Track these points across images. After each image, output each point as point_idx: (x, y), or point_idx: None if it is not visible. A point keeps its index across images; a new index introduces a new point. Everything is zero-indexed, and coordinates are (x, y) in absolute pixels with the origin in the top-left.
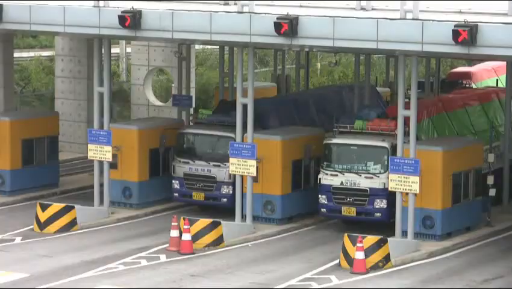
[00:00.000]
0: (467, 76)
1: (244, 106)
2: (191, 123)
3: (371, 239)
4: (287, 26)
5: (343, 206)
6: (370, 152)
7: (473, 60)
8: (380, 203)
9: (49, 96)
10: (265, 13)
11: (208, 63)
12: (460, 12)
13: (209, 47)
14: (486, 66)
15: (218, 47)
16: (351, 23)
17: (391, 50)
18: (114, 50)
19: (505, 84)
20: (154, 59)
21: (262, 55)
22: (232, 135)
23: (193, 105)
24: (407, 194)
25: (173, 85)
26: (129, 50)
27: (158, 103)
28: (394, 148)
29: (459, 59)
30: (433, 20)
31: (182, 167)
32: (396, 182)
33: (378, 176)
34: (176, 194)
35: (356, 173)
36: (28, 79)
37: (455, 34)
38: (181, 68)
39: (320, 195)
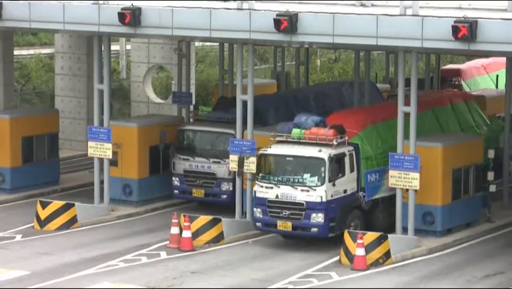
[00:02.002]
0: (457, 73)
1: (244, 103)
2: (191, 120)
3: (371, 235)
4: (287, 22)
5: (278, 220)
6: (307, 163)
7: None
8: (317, 218)
9: (49, 94)
10: (265, 10)
11: (207, 60)
12: (460, 8)
13: (209, 44)
14: (476, 64)
15: (218, 44)
16: (351, 20)
17: (391, 47)
18: (114, 47)
19: (495, 82)
20: (154, 57)
21: (262, 52)
22: (231, 131)
23: (193, 102)
24: (407, 190)
25: (173, 82)
26: (128, 47)
27: (158, 100)
28: (332, 159)
29: (459, 56)
30: (433, 16)
31: (182, 164)
32: (396, 179)
33: (315, 189)
34: (176, 191)
35: (292, 186)
36: (28, 76)
37: (455, 30)
38: (181, 66)
39: (255, 209)
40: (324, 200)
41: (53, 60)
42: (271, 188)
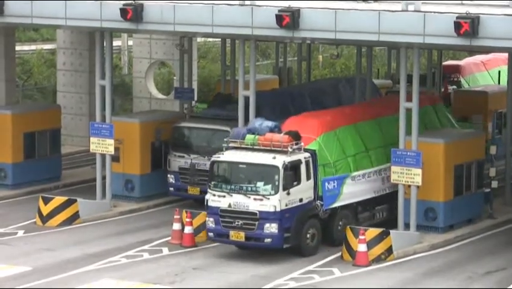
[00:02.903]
0: (456, 69)
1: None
2: (187, 117)
3: (373, 231)
4: (289, 18)
5: (230, 230)
6: (260, 171)
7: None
8: (271, 228)
9: (50, 89)
10: (267, 5)
11: (209, 56)
12: (462, 4)
13: (211, 39)
14: (475, 60)
15: (220, 39)
16: (353, 15)
17: (393, 43)
18: (116, 43)
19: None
20: (156, 52)
21: (264, 48)
22: (227, 128)
23: (195, 98)
24: (409, 186)
25: (174, 78)
26: (130, 43)
27: (160, 96)
28: (287, 166)
29: (461, 51)
30: (435, 12)
31: (178, 161)
32: (398, 174)
33: (268, 198)
34: (171, 188)
35: (245, 195)
36: (30, 72)
37: (457, 25)
38: (183, 61)
39: (207, 218)
40: (278, 209)
41: (55, 56)
42: (224, 196)
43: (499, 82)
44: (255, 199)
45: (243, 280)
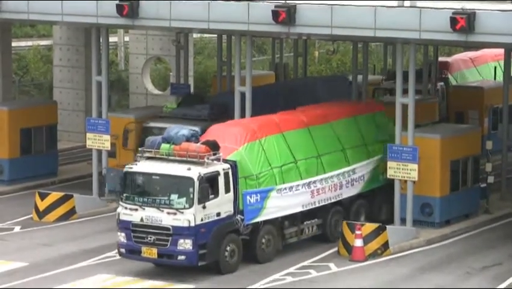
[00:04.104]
0: (444, 66)
1: (243, 95)
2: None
3: (370, 226)
4: (285, 14)
5: (143, 246)
6: (174, 183)
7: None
8: (185, 244)
9: (47, 85)
10: (263, 1)
11: (206, 52)
12: None
13: (207, 35)
14: (463, 56)
15: (216, 35)
16: (349, 11)
17: (389, 38)
18: (112, 39)
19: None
20: (152, 48)
21: (260, 43)
22: (196, 128)
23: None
24: (405, 181)
25: (171, 73)
26: (127, 39)
27: (156, 91)
28: (202, 178)
29: (457, 47)
30: (431, 8)
31: None
32: (394, 170)
33: (182, 212)
34: None
35: (158, 208)
36: (26, 68)
37: (453, 21)
38: (179, 57)
39: (118, 233)
40: (192, 224)
41: (51, 52)
42: (136, 210)
43: (494, 78)
44: (168, 213)
45: (239, 276)
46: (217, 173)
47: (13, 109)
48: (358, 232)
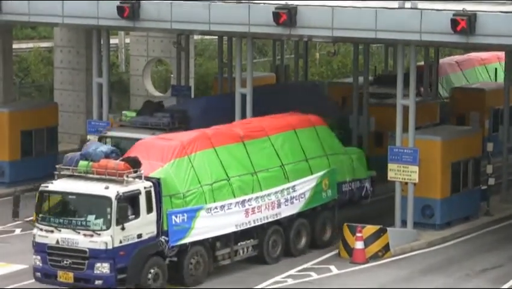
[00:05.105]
0: None
1: (243, 96)
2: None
3: (370, 229)
4: (286, 16)
5: (59, 270)
6: (91, 202)
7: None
8: (102, 268)
9: (48, 87)
10: (264, 3)
11: (207, 53)
12: (459, 1)
13: (208, 37)
14: (450, 60)
15: (217, 37)
16: (350, 13)
17: (389, 40)
18: (113, 40)
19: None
20: (153, 50)
21: (261, 45)
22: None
23: (192, 96)
24: (406, 183)
25: (172, 75)
26: (128, 40)
27: (157, 93)
28: (121, 198)
29: (458, 49)
30: (431, 9)
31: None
32: (395, 172)
33: (99, 234)
34: None
35: (74, 230)
36: (27, 70)
37: (454, 23)
38: (180, 59)
39: (34, 256)
40: (110, 247)
41: (52, 54)
42: (52, 231)
43: (495, 79)
44: (85, 235)
45: (241, 278)
46: (138, 192)
47: (14, 111)
48: (358, 234)
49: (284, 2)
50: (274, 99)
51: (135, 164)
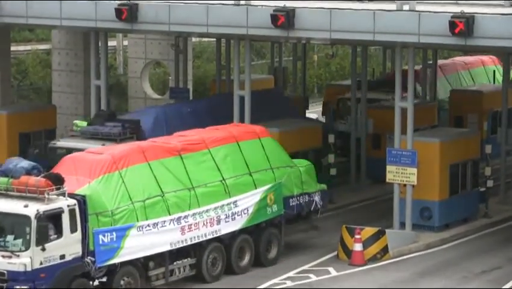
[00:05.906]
0: None
1: (242, 98)
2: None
3: (369, 231)
4: (284, 18)
5: None
6: (10, 221)
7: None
8: None
9: (46, 90)
10: (262, 5)
11: (205, 56)
12: (457, 3)
13: (206, 39)
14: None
15: (215, 39)
16: (348, 15)
17: (388, 42)
18: (111, 43)
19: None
20: (151, 52)
21: (259, 47)
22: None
23: (190, 98)
24: (404, 185)
25: (170, 77)
26: (126, 43)
27: (155, 96)
28: (41, 217)
29: (456, 51)
30: (429, 12)
31: None
32: (393, 174)
33: (18, 255)
34: None
35: None
36: (25, 72)
37: (452, 25)
38: (178, 61)
39: None
40: (29, 269)
41: (50, 56)
42: None
43: (494, 82)
44: (3, 256)
45: (239, 280)
46: (61, 210)
47: (12, 114)
48: (357, 236)
49: (282, 4)
50: (227, 110)
51: (57, 180)
